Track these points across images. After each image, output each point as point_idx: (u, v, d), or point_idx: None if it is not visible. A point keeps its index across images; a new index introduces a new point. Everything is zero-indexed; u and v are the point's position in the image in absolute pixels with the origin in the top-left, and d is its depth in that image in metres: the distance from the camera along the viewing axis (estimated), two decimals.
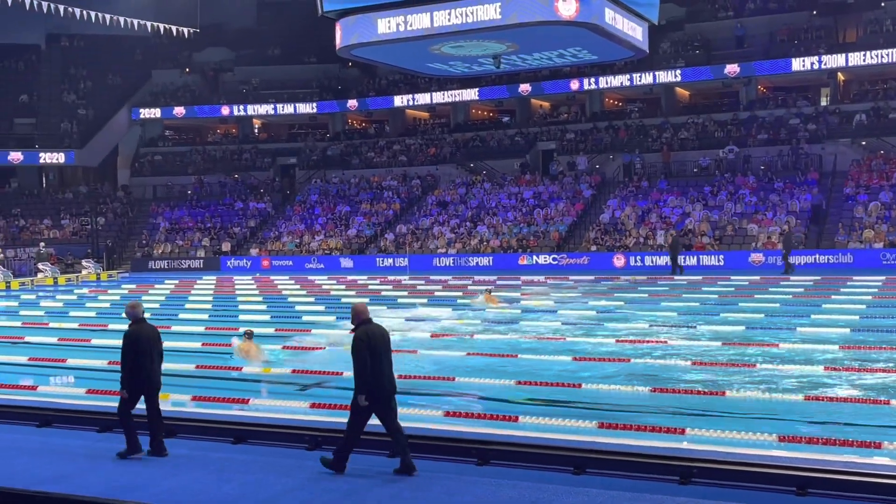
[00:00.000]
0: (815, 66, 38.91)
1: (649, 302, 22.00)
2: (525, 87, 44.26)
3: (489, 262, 35.84)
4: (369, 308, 8.50)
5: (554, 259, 34.68)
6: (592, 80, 42.93)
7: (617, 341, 15.71)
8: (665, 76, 41.81)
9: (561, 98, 46.39)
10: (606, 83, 42.97)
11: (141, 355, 8.77)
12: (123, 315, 9.43)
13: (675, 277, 28.61)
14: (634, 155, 40.79)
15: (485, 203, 40.87)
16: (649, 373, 12.98)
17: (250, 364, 14.34)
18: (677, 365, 13.42)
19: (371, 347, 8.09)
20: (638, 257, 33.49)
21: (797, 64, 39.09)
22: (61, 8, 35.26)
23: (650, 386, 11.74)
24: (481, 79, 44.00)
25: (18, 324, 21.50)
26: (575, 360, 13.95)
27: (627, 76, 42.15)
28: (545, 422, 9.82)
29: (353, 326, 8.32)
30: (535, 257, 35.12)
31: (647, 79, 42.02)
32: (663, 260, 32.55)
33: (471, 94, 45.77)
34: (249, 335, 14.85)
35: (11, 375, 14.03)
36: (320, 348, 16.07)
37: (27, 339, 18.36)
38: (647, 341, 15.63)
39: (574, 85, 43.48)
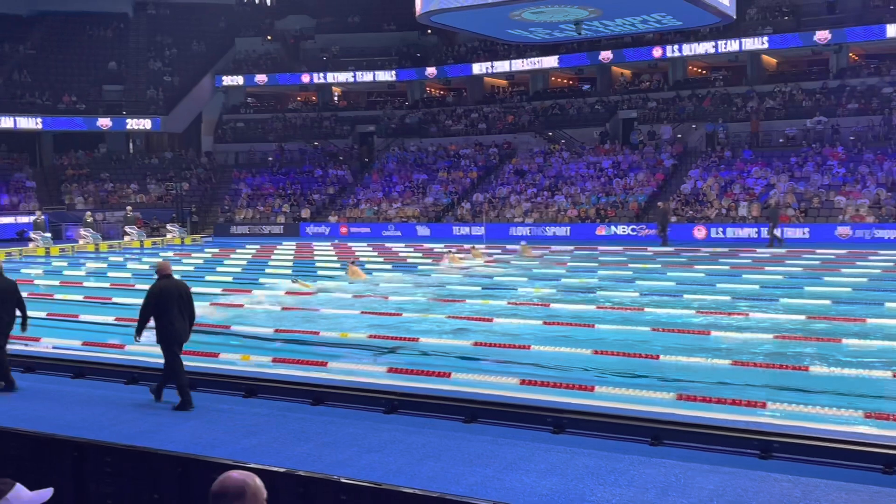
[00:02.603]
0: None
1: (730, 274, 21.55)
2: (606, 55, 43.52)
3: (566, 231, 35.56)
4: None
5: (633, 230, 34.19)
6: (676, 47, 41.96)
7: (697, 312, 15.45)
8: (751, 43, 40.58)
9: (643, 66, 45.50)
10: (690, 50, 41.94)
11: None
12: None
13: (665, 249, 29.26)
14: (718, 124, 39.81)
15: (563, 172, 40.48)
16: (730, 346, 12.73)
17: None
18: (759, 338, 13.13)
19: (160, 298, 9.72)
20: (720, 229, 32.79)
21: (892, 30, 37.41)
22: None
23: (730, 359, 11.51)
24: (561, 46, 43.47)
25: (107, 285, 22.24)
26: (653, 331, 13.77)
27: (712, 43, 41.06)
28: (621, 392, 9.72)
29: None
30: (613, 228, 34.70)
31: (732, 46, 40.86)
32: (746, 232, 31.86)
33: (550, 62, 45.22)
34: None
35: (100, 334, 14.55)
36: (398, 314, 16.21)
37: (115, 299, 19.00)
38: (728, 313, 15.33)
39: (657, 52, 42.57)
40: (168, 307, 9.72)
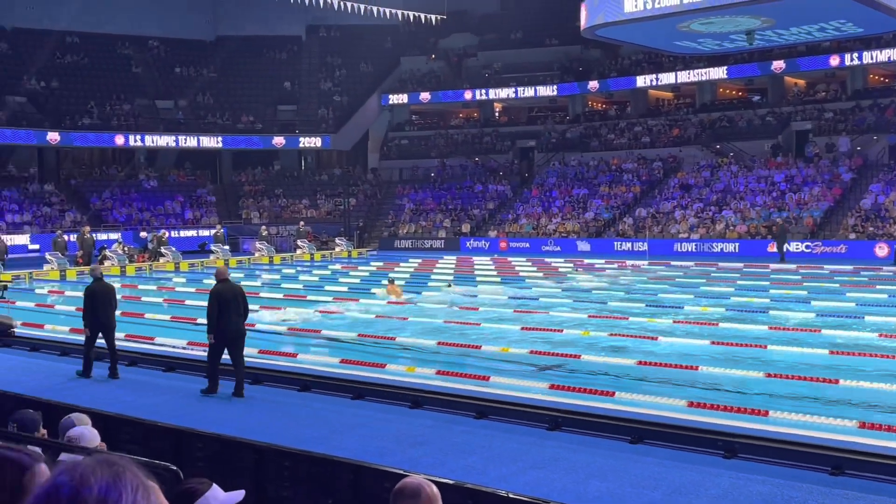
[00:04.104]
0: None
1: None
2: (778, 65, 41.73)
3: (735, 248, 34.28)
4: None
5: (807, 247, 32.55)
6: (855, 54, 39.68)
7: (879, 336, 14.52)
8: None
9: (818, 75, 43.32)
10: (871, 58, 39.52)
11: (95, 306, 12.06)
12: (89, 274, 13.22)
13: (784, 266, 28.35)
14: None
15: (731, 186, 39.09)
16: None
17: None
18: None
19: (220, 301, 10.86)
20: None
21: None
22: (321, 0, 37.56)
23: None
24: (730, 56, 41.99)
25: (280, 296, 23.27)
26: (831, 354, 13.05)
27: None
28: (798, 418, 9.25)
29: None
30: (786, 244, 33.11)
31: None
32: None
33: (718, 73, 43.78)
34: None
35: (274, 344, 15.26)
36: (559, 331, 16.11)
37: (288, 309, 19.86)
38: None
39: (834, 61, 40.40)
40: (227, 307, 10.89)
